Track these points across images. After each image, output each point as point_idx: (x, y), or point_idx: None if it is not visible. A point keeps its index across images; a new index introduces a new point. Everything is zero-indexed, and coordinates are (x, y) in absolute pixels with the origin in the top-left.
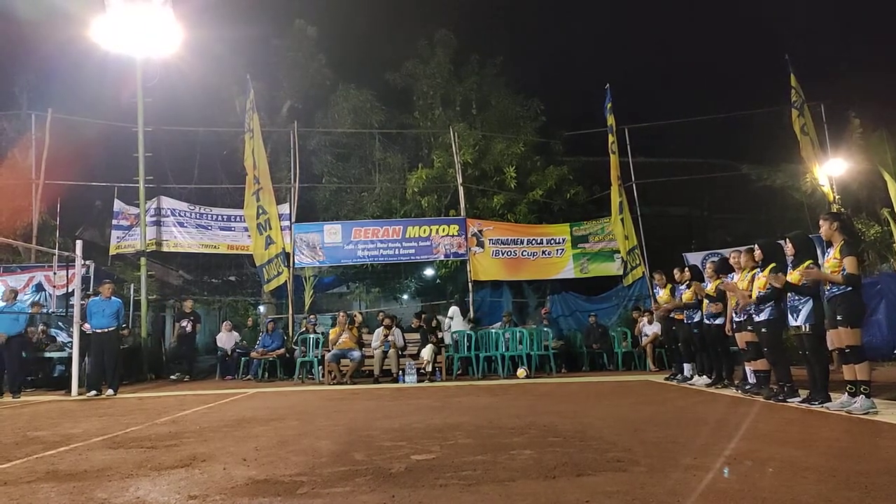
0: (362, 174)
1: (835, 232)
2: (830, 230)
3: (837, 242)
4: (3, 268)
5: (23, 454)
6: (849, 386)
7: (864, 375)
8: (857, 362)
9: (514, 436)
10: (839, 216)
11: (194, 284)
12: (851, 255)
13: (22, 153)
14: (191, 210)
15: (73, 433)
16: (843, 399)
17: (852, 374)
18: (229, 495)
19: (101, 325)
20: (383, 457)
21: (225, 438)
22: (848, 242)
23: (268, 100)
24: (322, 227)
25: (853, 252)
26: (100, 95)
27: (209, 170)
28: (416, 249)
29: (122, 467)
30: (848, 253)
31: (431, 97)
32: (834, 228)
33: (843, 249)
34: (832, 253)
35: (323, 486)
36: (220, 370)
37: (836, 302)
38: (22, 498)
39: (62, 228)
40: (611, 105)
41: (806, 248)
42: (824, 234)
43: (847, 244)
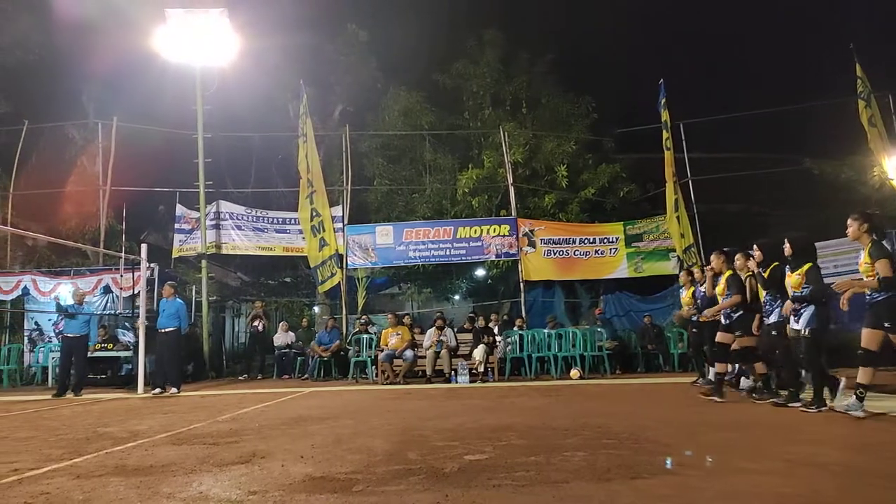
0: (413, 175)
1: (863, 233)
2: (859, 231)
3: (866, 245)
4: (74, 271)
5: (93, 449)
6: (859, 389)
7: (864, 379)
8: (864, 365)
9: (568, 437)
10: (869, 216)
11: (252, 286)
12: (883, 258)
13: (89, 161)
14: (248, 213)
15: (139, 429)
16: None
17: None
18: (287, 492)
19: (163, 325)
20: (436, 456)
21: (283, 436)
22: (876, 244)
23: (320, 104)
24: (374, 228)
25: (884, 254)
26: (162, 104)
27: (265, 174)
28: (467, 250)
29: (185, 463)
30: (879, 255)
31: (481, 97)
32: (863, 230)
33: (872, 252)
34: (863, 256)
35: (377, 485)
36: (277, 369)
37: (880, 307)
38: (93, 491)
39: (128, 232)
40: (665, 100)
41: (805, 250)
42: (852, 235)
43: (876, 246)
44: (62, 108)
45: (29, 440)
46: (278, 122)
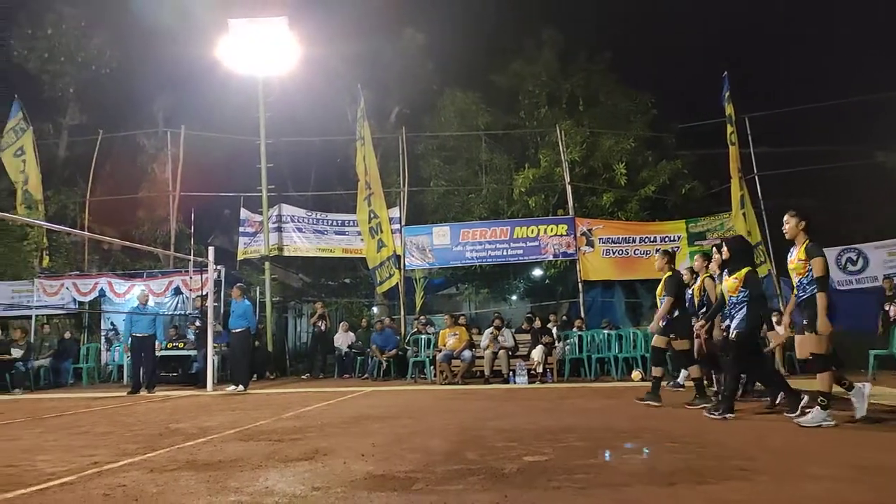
0: (469, 176)
1: (800, 231)
2: (797, 228)
3: (802, 242)
4: (147, 273)
5: (166, 444)
6: (820, 398)
7: (824, 386)
8: (819, 371)
9: (629, 440)
10: (807, 214)
11: (313, 287)
12: (819, 257)
13: (160, 168)
14: (308, 216)
15: (208, 426)
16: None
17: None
18: (349, 488)
19: (233, 326)
20: (495, 457)
21: (344, 434)
22: (814, 242)
23: (378, 107)
24: (431, 229)
25: (820, 253)
26: (225, 111)
27: (324, 177)
28: (524, 250)
29: (252, 458)
30: (815, 254)
31: (537, 96)
32: (801, 227)
33: (809, 250)
34: (796, 253)
35: (437, 484)
36: (338, 369)
37: (804, 306)
38: (166, 485)
39: (196, 236)
40: (728, 94)
41: (742, 253)
42: (789, 233)
43: (813, 244)
44: (134, 118)
45: (107, 435)
46: (337, 125)
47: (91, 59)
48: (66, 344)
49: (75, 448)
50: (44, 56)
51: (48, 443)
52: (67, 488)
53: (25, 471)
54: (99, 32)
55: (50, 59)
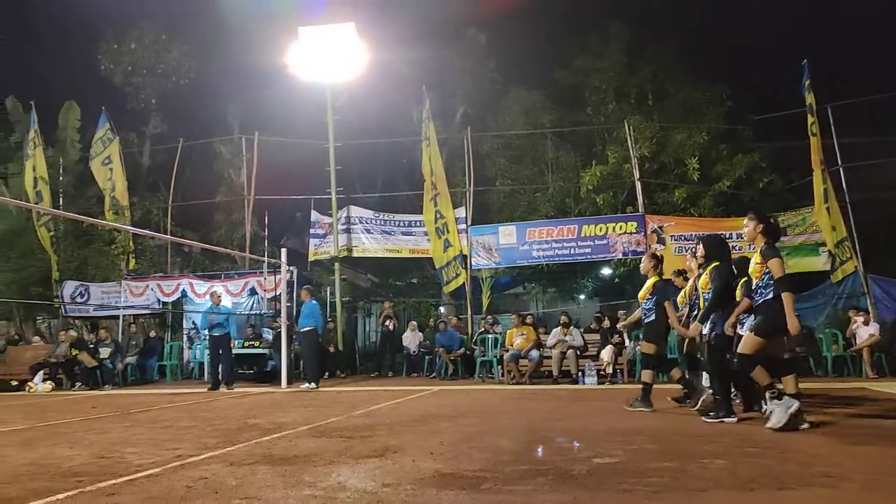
0: (535, 175)
1: (759, 234)
2: (755, 231)
3: (759, 245)
4: (224, 274)
5: (244, 439)
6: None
7: (789, 388)
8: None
9: (705, 443)
10: (765, 217)
11: (381, 287)
12: (775, 258)
13: (235, 173)
14: (376, 217)
15: (283, 422)
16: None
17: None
18: (419, 486)
19: (301, 325)
20: (564, 458)
21: (413, 432)
22: (770, 244)
23: (442, 108)
24: (497, 228)
25: (776, 254)
26: (296, 116)
27: (391, 179)
28: (592, 248)
29: (325, 454)
30: (771, 255)
31: (604, 91)
32: (759, 230)
33: (765, 252)
34: (755, 257)
35: (505, 484)
36: (407, 368)
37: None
38: (244, 478)
39: (269, 238)
40: (809, 82)
41: (717, 250)
42: (748, 236)
43: (769, 246)
44: (210, 125)
45: (189, 429)
46: (403, 127)
47: (170, 71)
48: (151, 342)
49: (160, 441)
50: (127, 69)
51: (135, 436)
52: (153, 479)
53: (116, 462)
54: (177, 45)
55: (133, 72)
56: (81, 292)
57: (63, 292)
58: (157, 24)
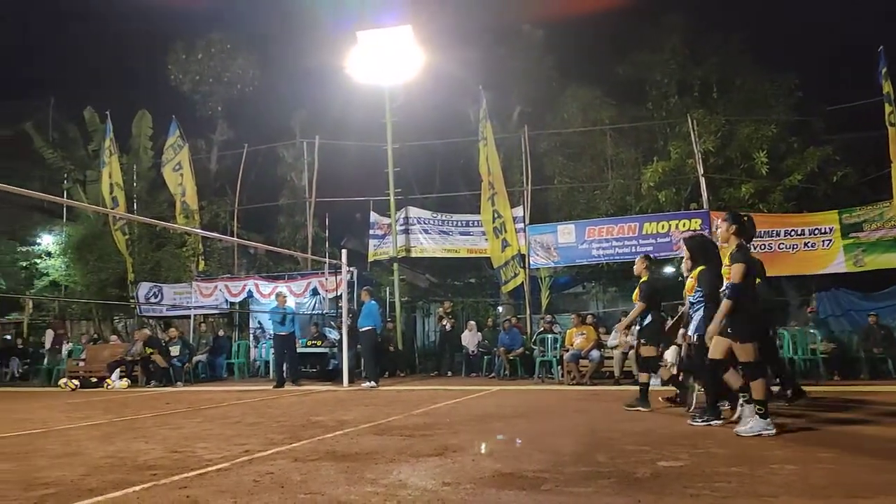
0: (594, 172)
1: (732, 235)
2: (728, 233)
3: (731, 246)
4: (287, 275)
5: (308, 436)
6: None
7: (758, 394)
8: (752, 379)
9: (775, 448)
10: (739, 218)
11: (439, 287)
12: (740, 262)
13: (297, 176)
14: (434, 217)
15: (345, 419)
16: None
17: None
18: (479, 485)
19: (361, 325)
20: (626, 460)
21: (472, 431)
22: (740, 247)
23: (499, 107)
24: (556, 227)
25: (742, 259)
26: (355, 119)
27: (448, 179)
28: (654, 246)
29: (386, 452)
30: (736, 260)
31: (666, 85)
32: (731, 231)
33: (732, 255)
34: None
35: (565, 485)
36: (466, 367)
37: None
38: (308, 473)
39: (330, 239)
40: (886, 70)
41: (701, 252)
42: (721, 237)
43: (738, 250)
44: (273, 131)
45: (256, 425)
46: (459, 127)
47: (236, 79)
48: (219, 341)
49: (229, 437)
50: (196, 79)
51: (206, 431)
52: (223, 473)
53: (188, 456)
54: (242, 54)
55: (201, 81)
56: (155, 293)
57: (138, 293)
58: (224, 34)
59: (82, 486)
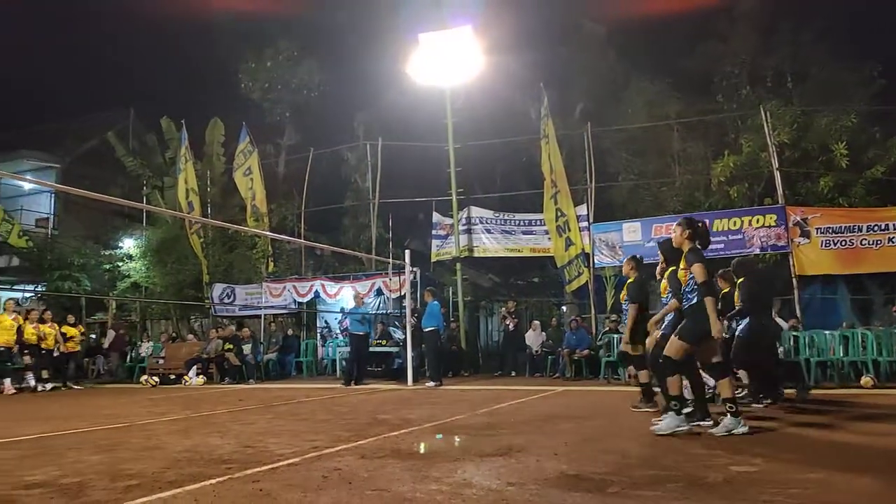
0: (661, 168)
1: (685, 240)
2: (681, 237)
3: (685, 250)
4: (353, 276)
5: (374, 433)
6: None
7: (726, 392)
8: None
9: (857, 456)
10: (692, 222)
11: (502, 286)
12: (698, 262)
13: (361, 178)
14: (496, 217)
15: (410, 418)
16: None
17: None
18: (543, 486)
19: (424, 325)
20: (696, 464)
21: (536, 432)
22: (693, 250)
23: (561, 104)
24: (621, 225)
25: (698, 259)
26: (417, 120)
27: (510, 178)
28: (726, 244)
29: (450, 451)
30: (693, 260)
31: (736, 76)
32: (685, 236)
33: (688, 257)
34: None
35: (632, 488)
36: (529, 367)
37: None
38: (375, 470)
39: (393, 240)
40: None
41: (673, 255)
42: (675, 241)
43: (692, 251)
44: (338, 134)
45: (324, 422)
46: (521, 125)
47: (302, 85)
48: (289, 340)
49: (299, 433)
50: (265, 86)
51: (277, 427)
52: (293, 468)
53: (260, 451)
54: (307, 59)
55: (269, 88)
56: (228, 293)
57: (212, 294)
58: (290, 41)
59: (162, 479)
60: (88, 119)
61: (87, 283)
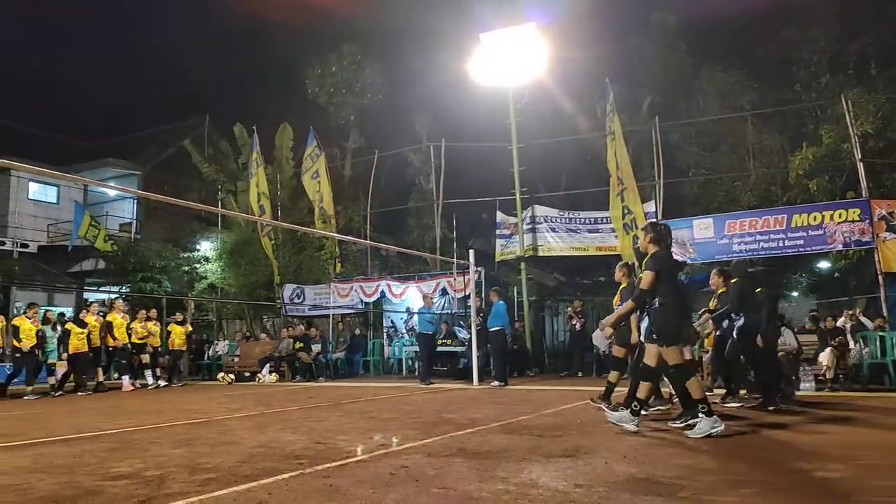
0: (734, 162)
1: (649, 244)
2: (645, 242)
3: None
4: (417, 276)
5: (440, 432)
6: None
7: (696, 394)
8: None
9: None
10: (655, 227)
11: (567, 285)
12: (649, 270)
13: (424, 179)
14: (561, 216)
15: (475, 417)
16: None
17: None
18: (612, 489)
19: (490, 325)
20: (773, 469)
21: (604, 434)
22: (652, 257)
23: (627, 100)
24: (691, 222)
25: (652, 267)
26: (480, 120)
27: (575, 176)
28: (805, 240)
29: (516, 451)
30: (647, 267)
31: (815, 64)
32: (648, 240)
33: (646, 262)
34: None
35: (704, 493)
36: (597, 367)
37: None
38: (441, 469)
39: (457, 240)
40: None
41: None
42: (641, 246)
43: (650, 258)
44: (401, 136)
45: (391, 420)
46: (585, 123)
47: (366, 88)
48: (356, 339)
49: (366, 430)
50: (330, 91)
51: (346, 425)
52: (361, 465)
53: (330, 448)
54: (370, 63)
55: (335, 92)
56: (298, 294)
57: (283, 294)
58: (355, 45)
59: (238, 473)
60: (167, 127)
61: (168, 285)
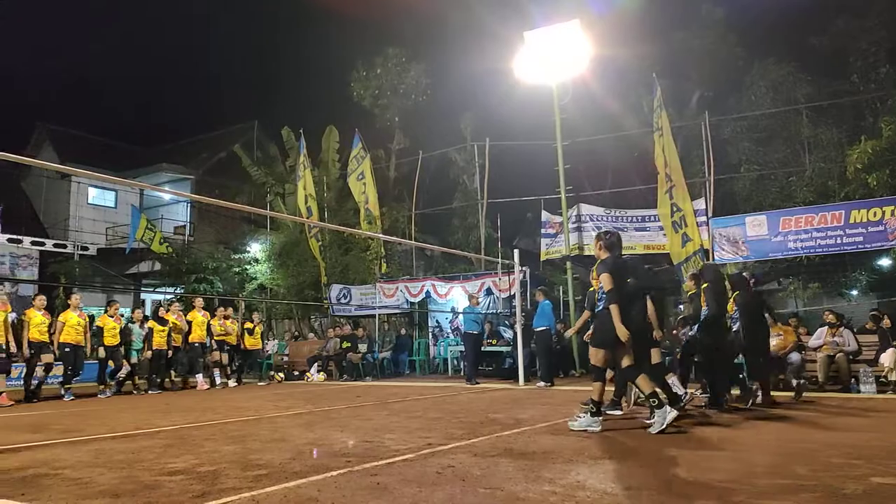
0: (788, 157)
1: (600, 250)
2: (597, 249)
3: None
4: (462, 276)
5: (486, 432)
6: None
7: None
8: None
9: None
10: (607, 234)
11: None
12: (605, 272)
13: (469, 178)
14: (607, 214)
15: (522, 418)
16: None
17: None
18: (661, 492)
19: (535, 325)
20: (833, 474)
21: (651, 436)
22: (603, 261)
23: (675, 95)
24: (743, 219)
25: (605, 269)
26: (524, 119)
27: (621, 173)
28: (865, 236)
29: (563, 452)
30: (601, 270)
31: (873, 54)
32: (598, 247)
33: (597, 267)
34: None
35: (759, 497)
36: None
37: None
38: (487, 469)
39: (502, 239)
40: None
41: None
42: (595, 253)
43: (601, 263)
44: (445, 136)
45: (437, 420)
46: (632, 119)
47: (410, 90)
48: (402, 339)
49: (413, 430)
50: (375, 93)
51: (392, 423)
52: (408, 464)
53: (377, 446)
54: (414, 65)
55: (379, 94)
56: (344, 294)
57: (330, 294)
58: (399, 48)
59: (289, 469)
60: (218, 133)
61: (220, 286)
